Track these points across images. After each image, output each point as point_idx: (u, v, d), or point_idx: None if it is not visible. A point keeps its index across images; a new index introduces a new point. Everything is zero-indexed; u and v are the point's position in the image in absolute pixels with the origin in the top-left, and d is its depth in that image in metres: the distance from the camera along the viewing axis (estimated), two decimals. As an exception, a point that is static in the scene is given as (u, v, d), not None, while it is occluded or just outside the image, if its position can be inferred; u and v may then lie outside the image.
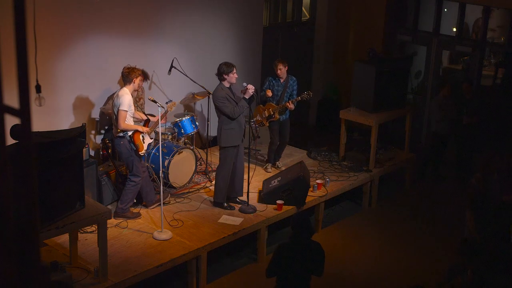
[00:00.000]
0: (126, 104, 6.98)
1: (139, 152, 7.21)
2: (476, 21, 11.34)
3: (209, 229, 7.25)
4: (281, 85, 8.69)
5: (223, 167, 7.64)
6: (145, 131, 7.25)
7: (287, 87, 8.68)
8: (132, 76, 7.10)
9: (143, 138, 7.26)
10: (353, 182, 8.82)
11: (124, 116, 7.00)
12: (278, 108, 8.64)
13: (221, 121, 7.54)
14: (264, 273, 5.50)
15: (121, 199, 7.34)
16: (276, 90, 8.69)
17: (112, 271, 6.17)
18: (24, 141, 1.60)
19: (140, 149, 7.21)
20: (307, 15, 11.73)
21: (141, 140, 7.22)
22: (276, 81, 8.68)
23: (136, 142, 7.18)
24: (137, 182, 7.29)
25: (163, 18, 8.92)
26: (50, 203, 5.42)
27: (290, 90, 8.71)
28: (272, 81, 8.71)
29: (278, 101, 8.70)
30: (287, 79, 8.68)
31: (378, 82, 9.01)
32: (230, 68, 7.39)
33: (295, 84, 8.75)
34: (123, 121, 7.01)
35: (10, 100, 1.61)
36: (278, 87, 8.70)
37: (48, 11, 7.44)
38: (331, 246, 7.87)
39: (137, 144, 7.18)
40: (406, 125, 9.70)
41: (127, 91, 7.07)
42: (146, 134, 7.30)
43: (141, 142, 7.22)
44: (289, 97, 8.71)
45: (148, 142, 7.34)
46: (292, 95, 8.72)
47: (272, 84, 8.70)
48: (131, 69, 7.15)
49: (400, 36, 11.32)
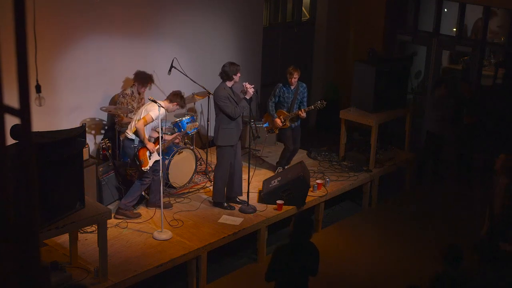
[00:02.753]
0: (156, 114, 7.04)
1: (142, 168, 7.23)
2: (476, 21, 11.34)
3: (209, 229, 7.25)
4: (292, 92, 8.57)
5: (221, 167, 7.64)
6: (151, 149, 7.24)
7: (297, 94, 8.59)
8: (172, 98, 7.30)
9: (150, 154, 7.27)
10: (353, 182, 8.81)
11: (147, 121, 7.09)
12: (290, 116, 8.59)
13: (219, 120, 7.52)
14: (263, 276, 5.49)
15: (126, 195, 7.38)
16: (286, 97, 8.59)
17: (112, 271, 6.17)
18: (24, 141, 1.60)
19: (144, 165, 7.23)
20: (307, 15, 11.72)
21: (147, 156, 7.24)
22: (287, 89, 8.57)
23: (140, 157, 7.20)
24: (147, 182, 7.34)
25: (163, 18, 8.92)
26: (50, 203, 5.42)
27: (300, 97, 8.62)
28: (283, 88, 8.58)
29: (289, 108, 8.63)
30: (297, 86, 8.58)
31: (378, 82, 9.01)
32: (237, 68, 7.40)
33: (305, 91, 8.68)
34: (142, 123, 7.09)
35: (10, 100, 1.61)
36: (288, 94, 8.58)
37: (48, 11, 7.44)
38: (331, 246, 7.87)
39: (141, 160, 7.21)
40: (406, 125, 9.69)
41: (165, 105, 7.18)
42: (155, 152, 7.30)
43: (146, 158, 7.23)
44: (300, 104, 8.64)
45: (155, 159, 7.29)
46: (302, 102, 8.65)
47: (282, 92, 8.58)
48: (178, 94, 7.34)
49: (400, 36, 11.32)
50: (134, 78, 8.22)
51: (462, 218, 8.75)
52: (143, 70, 8.27)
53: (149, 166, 7.27)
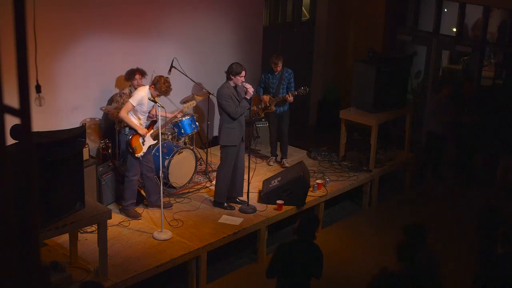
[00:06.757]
0: (135, 99, 7.12)
1: (136, 154, 7.22)
2: (476, 22, 11.32)
3: (209, 229, 7.24)
4: (276, 77, 8.84)
5: (224, 167, 7.64)
6: (143, 134, 7.24)
7: (282, 79, 8.82)
8: (153, 82, 7.25)
9: (143, 140, 7.26)
10: (353, 182, 8.81)
11: (128, 108, 7.13)
12: (275, 101, 8.81)
13: (222, 119, 7.56)
14: (264, 274, 5.49)
15: (122, 197, 7.41)
16: (271, 83, 8.87)
17: (112, 271, 6.17)
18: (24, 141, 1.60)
19: (138, 151, 7.21)
20: (307, 15, 11.72)
21: (140, 143, 7.23)
22: (271, 74, 8.86)
23: (133, 144, 7.19)
24: (130, 179, 7.30)
25: (164, 18, 8.92)
26: (50, 203, 5.42)
27: (286, 83, 8.86)
28: (267, 74, 8.90)
29: (274, 94, 8.87)
30: (282, 71, 8.83)
31: (378, 82, 9.01)
32: (239, 69, 7.38)
33: (292, 77, 8.90)
34: (125, 110, 7.15)
35: (10, 100, 1.61)
36: (273, 79, 8.87)
37: (48, 11, 7.44)
38: (331, 246, 7.86)
39: (134, 147, 7.20)
40: (406, 125, 9.69)
41: (143, 88, 7.21)
42: (148, 137, 7.30)
43: (139, 145, 7.22)
44: (287, 89, 8.87)
45: (149, 144, 7.32)
46: (289, 88, 8.87)
47: (267, 77, 8.89)
48: (156, 77, 7.26)
49: (400, 36, 11.32)
50: (125, 78, 8.21)
51: (462, 218, 8.74)
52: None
53: (143, 152, 7.25)
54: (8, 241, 1.58)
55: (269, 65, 8.89)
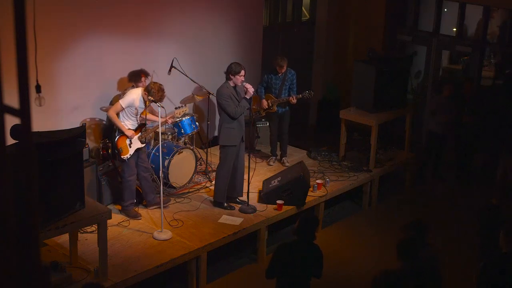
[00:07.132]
0: (126, 101, 7.08)
1: (121, 156, 7.16)
2: (478, 22, 11.32)
3: (209, 229, 7.24)
4: (279, 78, 8.83)
5: (223, 167, 7.64)
6: (130, 135, 7.17)
7: (285, 80, 8.80)
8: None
9: (130, 142, 7.22)
10: (353, 182, 8.81)
11: (117, 108, 7.11)
12: (278, 101, 8.82)
13: (222, 119, 7.55)
14: (264, 274, 5.49)
15: (121, 198, 7.41)
16: (274, 83, 8.86)
17: (112, 271, 6.17)
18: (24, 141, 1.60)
19: (123, 153, 7.16)
20: (307, 15, 11.72)
21: (126, 144, 7.18)
22: (274, 75, 8.84)
23: (119, 145, 7.15)
24: (127, 179, 7.27)
25: (164, 18, 8.92)
26: (50, 203, 5.42)
27: (288, 84, 8.85)
28: (270, 75, 8.88)
29: (277, 94, 8.87)
30: (285, 72, 8.80)
31: (378, 82, 9.01)
32: (238, 69, 7.37)
33: (294, 78, 8.88)
34: (113, 110, 7.14)
35: (10, 100, 1.61)
36: (276, 80, 8.85)
37: (48, 11, 7.44)
38: (331, 246, 7.86)
39: (120, 148, 7.16)
40: (406, 125, 9.69)
41: (136, 91, 7.17)
42: (135, 139, 7.24)
43: (125, 146, 7.16)
44: (289, 90, 8.85)
45: (136, 147, 7.23)
46: (292, 89, 8.86)
47: (270, 78, 8.88)
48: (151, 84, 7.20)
49: (400, 36, 11.32)
50: (129, 79, 8.20)
51: (462, 218, 8.74)
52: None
53: (129, 155, 7.18)
54: (8, 241, 1.58)
55: (273, 66, 8.85)
